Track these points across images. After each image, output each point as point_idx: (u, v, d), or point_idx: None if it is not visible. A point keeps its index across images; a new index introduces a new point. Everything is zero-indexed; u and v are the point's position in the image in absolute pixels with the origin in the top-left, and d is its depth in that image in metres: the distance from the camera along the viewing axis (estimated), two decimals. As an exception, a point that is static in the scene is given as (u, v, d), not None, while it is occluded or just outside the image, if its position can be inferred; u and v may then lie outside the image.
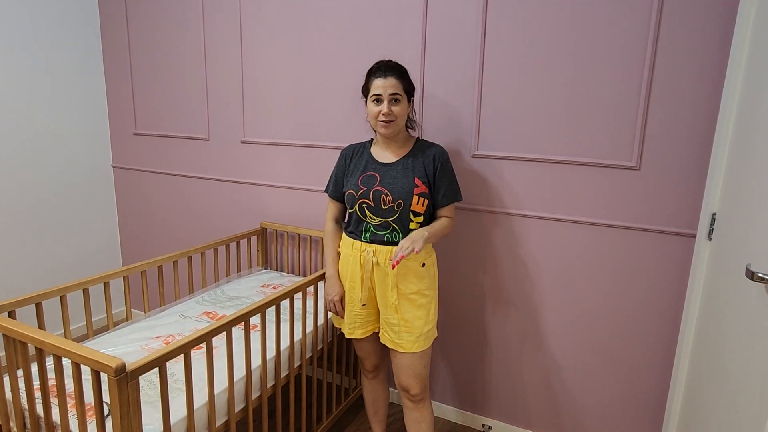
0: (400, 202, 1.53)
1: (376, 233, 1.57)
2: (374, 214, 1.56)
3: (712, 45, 1.52)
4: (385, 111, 1.50)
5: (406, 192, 1.53)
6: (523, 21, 1.75)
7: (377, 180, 1.57)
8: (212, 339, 1.35)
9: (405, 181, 1.55)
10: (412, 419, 1.68)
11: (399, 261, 1.41)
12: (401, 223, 1.55)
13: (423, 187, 1.56)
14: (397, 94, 1.51)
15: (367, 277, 1.58)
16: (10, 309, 1.44)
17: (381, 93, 1.50)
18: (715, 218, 1.47)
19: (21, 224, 2.54)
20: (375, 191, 1.55)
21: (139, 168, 2.82)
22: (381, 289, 1.58)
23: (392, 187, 1.54)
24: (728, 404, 1.23)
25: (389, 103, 1.50)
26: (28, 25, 2.43)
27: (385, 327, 1.62)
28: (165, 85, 2.61)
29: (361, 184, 1.58)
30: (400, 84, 1.52)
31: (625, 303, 1.79)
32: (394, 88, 1.50)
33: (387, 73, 1.51)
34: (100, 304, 2.86)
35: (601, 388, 1.89)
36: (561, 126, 1.76)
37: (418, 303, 1.57)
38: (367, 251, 1.56)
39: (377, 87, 1.51)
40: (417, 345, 1.57)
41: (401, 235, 1.56)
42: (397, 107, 1.52)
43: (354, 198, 1.58)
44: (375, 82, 1.52)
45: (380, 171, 1.58)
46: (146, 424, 1.26)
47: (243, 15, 2.31)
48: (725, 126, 1.42)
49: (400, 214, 1.54)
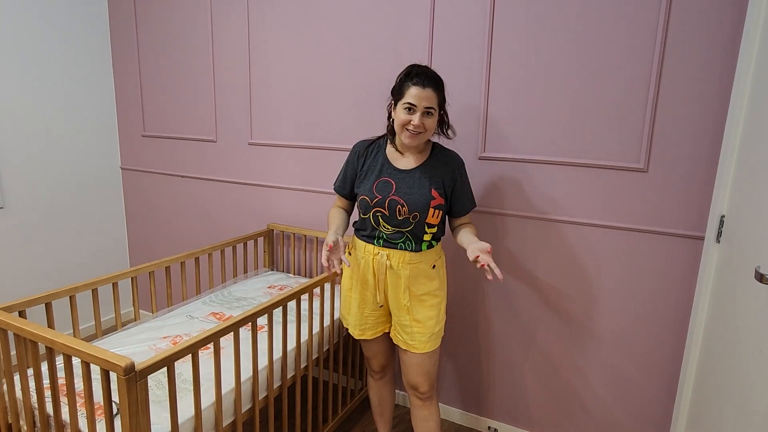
0: (416, 215, 1.50)
1: (389, 241, 1.56)
2: (388, 223, 1.54)
3: (720, 46, 1.51)
4: (417, 123, 1.42)
5: (422, 204, 1.50)
6: (530, 22, 1.75)
7: (393, 188, 1.53)
8: (219, 339, 1.36)
9: (422, 192, 1.51)
10: (419, 417, 1.69)
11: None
12: (415, 234, 1.54)
13: (440, 199, 1.53)
14: (432, 108, 1.44)
15: (382, 279, 1.58)
16: (21, 309, 1.45)
17: (416, 104, 1.42)
18: (723, 220, 1.46)
19: (30, 225, 2.57)
20: (390, 201, 1.52)
21: (148, 169, 2.85)
22: (393, 292, 1.58)
23: (408, 198, 1.50)
24: (737, 408, 1.22)
25: (422, 115, 1.43)
26: (37, 28, 2.46)
27: (397, 328, 1.62)
28: (173, 87, 2.64)
29: (377, 191, 1.54)
30: (437, 98, 1.45)
31: (633, 306, 1.78)
32: (429, 101, 1.43)
33: (426, 84, 1.42)
34: (109, 305, 2.88)
35: (607, 392, 1.88)
36: (568, 128, 1.76)
37: (430, 303, 1.57)
38: (380, 254, 1.56)
39: (412, 96, 1.42)
40: (429, 345, 1.58)
41: (414, 244, 1.54)
42: (429, 120, 1.45)
43: (368, 205, 1.55)
44: (411, 90, 1.43)
45: (396, 178, 1.54)
46: (154, 424, 1.27)
47: (251, 17, 2.32)
48: (734, 127, 1.41)
49: (415, 225, 1.52)
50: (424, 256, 1.56)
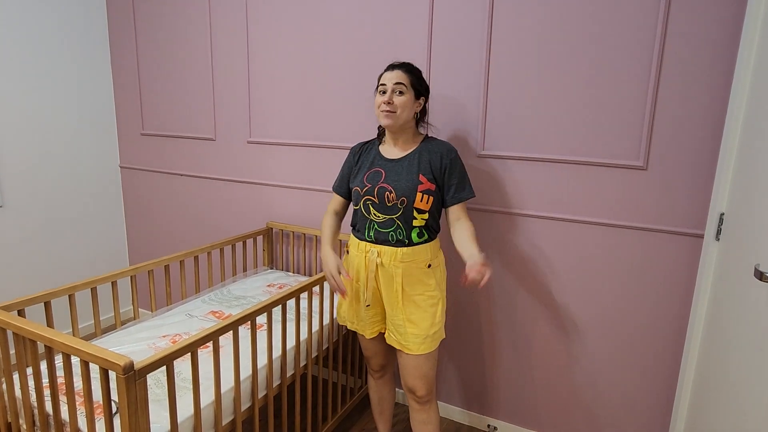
0: (403, 199, 1.53)
1: (380, 231, 1.56)
2: (378, 211, 1.56)
3: (720, 43, 1.51)
4: (386, 99, 1.51)
5: (409, 189, 1.53)
6: (530, 20, 1.75)
7: (382, 176, 1.57)
8: (219, 338, 1.36)
9: (409, 177, 1.54)
10: (418, 420, 1.68)
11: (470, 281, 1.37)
12: (405, 221, 1.55)
13: (428, 183, 1.54)
14: (402, 84, 1.52)
15: (372, 278, 1.57)
16: (20, 308, 1.45)
17: (386, 83, 1.53)
18: (723, 218, 1.46)
19: (30, 224, 2.56)
20: (379, 188, 1.55)
21: (147, 168, 2.84)
22: (386, 290, 1.58)
23: (396, 183, 1.54)
24: (736, 406, 1.22)
25: (392, 93, 1.52)
26: (36, 27, 2.46)
27: (391, 328, 1.61)
28: (172, 85, 2.63)
29: (367, 180, 1.59)
30: (407, 77, 1.54)
31: (632, 304, 1.78)
32: (399, 78, 1.52)
33: (395, 67, 1.55)
34: (108, 303, 2.88)
35: (607, 390, 1.88)
36: (567, 125, 1.76)
37: (425, 304, 1.56)
38: (371, 251, 1.56)
39: (384, 78, 1.55)
40: (423, 347, 1.56)
41: (405, 232, 1.54)
42: (401, 98, 1.52)
43: (359, 195, 1.59)
44: (384, 75, 1.56)
45: (386, 167, 1.59)
46: (154, 423, 1.27)
47: (249, 16, 2.32)
48: (733, 125, 1.41)
49: (404, 211, 1.54)
50: (417, 254, 1.54)
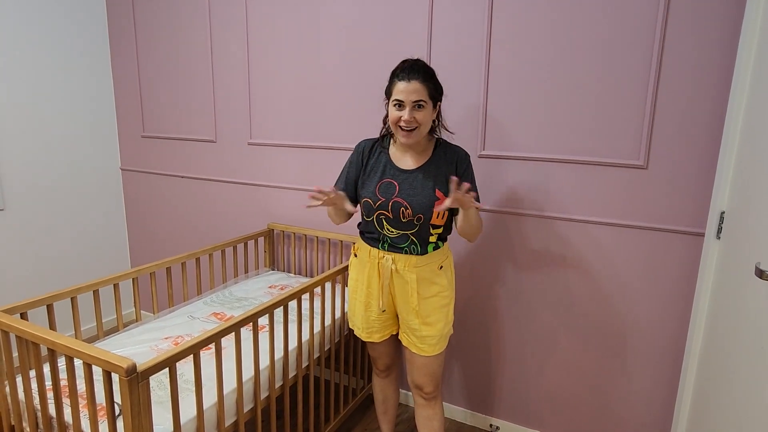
0: (420, 217, 1.47)
1: (394, 245, 1.54)
2: (392, 226, 1.51)
3: (719, 42, 1.51)
4: (406, 118, 1.38)
5: (426, 206, 1.46)
6: (529, 19, 1.75)
7: (396, 190, 1.49)
8: (221, 340, 1.36)
9: (425, 193, 1.47)
10: (423, 416, 1.68)
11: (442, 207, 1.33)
12: (420, 237, 1.51)
13: (444, 199, 1.46)
14: (421, 100, 1.39)
15: (386, 284, 1.56)
16: (22, 310, 1.46)
17: (403, 99, 1.38)
18: (723, 217, 1.46)
19: (31, 226, 2.57)
20: (394, 203, 1.48)
21: (147, 170, 2.85)
22: (401, 295, 1.56)
23: (412, 199, 1.47)
24: (737, 404, 1.22)
25: (411, 109, 1.39)
26: (36, 28, 2.46)
27: (406, 331, 1.60)
28: (172, 87, 2.63)
29: (380, 193, 1.51)
30: (425, 89, 1.39)
31: (633, 303, 1.78)
32: (417, 94, 1.38)
33: (411, 77, 1.38)
34: (110, 306, 2.89)
35: (608, 389, 1.88)
36: (567, 125, 1.76)
37: (438, 305, 1.55)
38: (385, 258, 1.54)
39: (399, 92, 1.39)
40: (437, 347, 1.57)
41: (419, 247, 1.52)
42: (420, 114, 1.40)
43: (371, 208, 1.52)
44: (398, 86, 1.40)
45: (399, 179, 1.51)
46: (157, 424, 1.27)
47: (249, 17, 2.32)
48: (733, 123, 1.41)
49: (419, 228, 1.50)
50: (430, 258, 1.54)
